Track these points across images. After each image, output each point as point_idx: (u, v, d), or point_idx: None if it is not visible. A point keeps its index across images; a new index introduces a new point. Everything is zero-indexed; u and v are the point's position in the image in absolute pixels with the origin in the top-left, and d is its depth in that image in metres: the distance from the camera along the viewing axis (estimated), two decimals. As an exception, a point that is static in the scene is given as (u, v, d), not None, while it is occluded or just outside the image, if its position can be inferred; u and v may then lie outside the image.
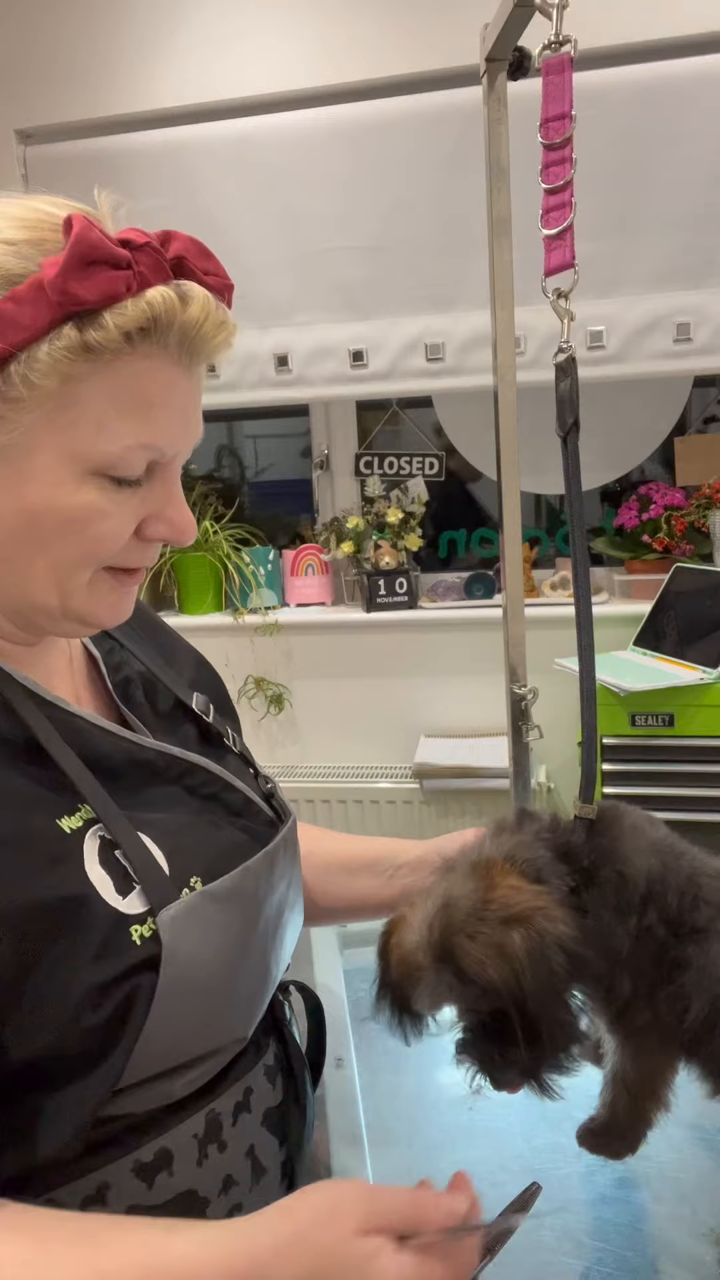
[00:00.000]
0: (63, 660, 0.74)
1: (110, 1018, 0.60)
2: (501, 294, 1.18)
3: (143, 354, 0.60)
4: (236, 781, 0.78)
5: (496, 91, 1.14)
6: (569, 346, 0.80)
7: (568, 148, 0.78)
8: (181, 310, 0.61)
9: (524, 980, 0.66)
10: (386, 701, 2.53)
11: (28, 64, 2.44)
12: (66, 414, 0.60)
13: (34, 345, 0.58)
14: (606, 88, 2.15)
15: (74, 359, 0.58)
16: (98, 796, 0.64)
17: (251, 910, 0.70)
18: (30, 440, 0.60)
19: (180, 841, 0.68)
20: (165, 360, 0.62)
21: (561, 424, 0.81)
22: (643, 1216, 0.80)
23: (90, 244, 0.57)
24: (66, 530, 0.62)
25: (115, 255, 0.58)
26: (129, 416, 0.61)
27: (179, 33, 2.36)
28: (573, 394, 0.80)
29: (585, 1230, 0.78)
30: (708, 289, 2.24)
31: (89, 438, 0.61)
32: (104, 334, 0.58)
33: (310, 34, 2.30)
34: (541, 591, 2.50)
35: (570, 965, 0.67)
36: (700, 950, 0.74)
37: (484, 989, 0.67)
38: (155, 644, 0.85)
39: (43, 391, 0.58)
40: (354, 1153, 0.83)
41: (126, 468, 0.62)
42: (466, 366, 2.38)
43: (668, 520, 2.42)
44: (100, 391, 0.60)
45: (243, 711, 2.54)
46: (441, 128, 2.26)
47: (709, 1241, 0.76)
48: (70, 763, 0.64)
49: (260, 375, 2.48)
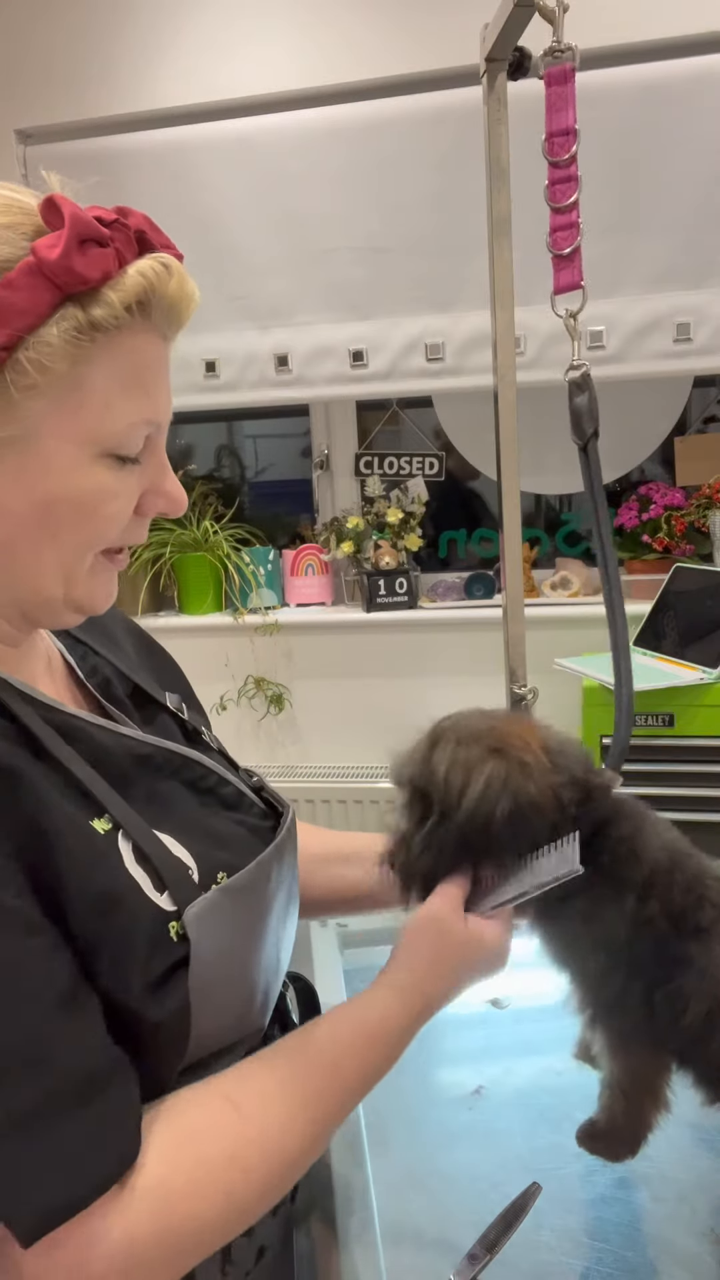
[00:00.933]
0: (43, 664, 0.74)
1: (169, 1015, 0.61)
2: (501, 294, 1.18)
3: (136, 328, 0.61)
4: (229, 775, 0.79)
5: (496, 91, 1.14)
6: (583, 364, 0.82)
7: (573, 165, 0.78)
8: (168, 281, 0.61)
9: (463, 797, 0.72)
10: (386, 701, 2.53)
11: (28, 64, 2.44)
12: (74, 397, 0.59)
13: (39, 330, 0.57)
14: (606, 88, 2.15)
15: (82, 338, 0.58)
16: (115, 803, 0.64)
17: (264, 903, 0.71)
18: (40, 429, 0.59)
19: (201, 838, 0.69)
20: (153, 333, 0.62)
21: (580, 434, 0.83)
22: (643, 1216, 0.80)
23: (85, 223, 0.57)
24: (79, 516, 0.62)
25: (102, 233, 0.58)
26: (131, 393, 0.62)
27: (179, 33, 2.36)
28: (591, 406, 0.82)
29: (585, 1230, 0.78)
30: (708, 289, 2.24)
31: (97, 418, 0.61)
32: (108, 310, 0.58)
33: (310, 34, 2.30)
34: (541, 591, 2.50)
35: (510, 820, 0.72)
36: (703, 949, 0.74)
37: (430, 783, 0.74)
38: (123, 646, 0.85)
39: (54, 375, 0.58)
40: (354, 1153, 0.84)
41: (131, 445, 0.63)
42: (466, 366, 2.38)
43: (668, 520, 2.43)
44: (104, 370, 0.60)
45: (243, 711, 2.56)
46: (441, 128, 2.26)
47: (709, 1241, 0.76)
48: (83, 770, 0.64)
49: (260, 375, 2.48)
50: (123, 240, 0.60)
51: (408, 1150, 0.89)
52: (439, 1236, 0.78)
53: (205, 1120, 0.61)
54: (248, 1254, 0.72)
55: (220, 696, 2.53)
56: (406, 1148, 0.89)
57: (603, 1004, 0.78)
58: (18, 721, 0.62)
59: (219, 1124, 0.61)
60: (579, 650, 2.21)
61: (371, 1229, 0.76)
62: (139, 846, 0.63)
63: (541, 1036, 1.05)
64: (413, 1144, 0.90)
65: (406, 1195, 0.83)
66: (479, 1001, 1.09)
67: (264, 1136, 0.62)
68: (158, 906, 0.62)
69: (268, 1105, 0.63)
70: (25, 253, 0.57)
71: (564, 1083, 0.96)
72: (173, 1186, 0.57)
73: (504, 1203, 0.76)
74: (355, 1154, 0.83)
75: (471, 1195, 0.81)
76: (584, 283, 0.78)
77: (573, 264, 0.78)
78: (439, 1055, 1.03)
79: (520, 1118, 0.92)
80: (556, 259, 0.79)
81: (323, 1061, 0.67)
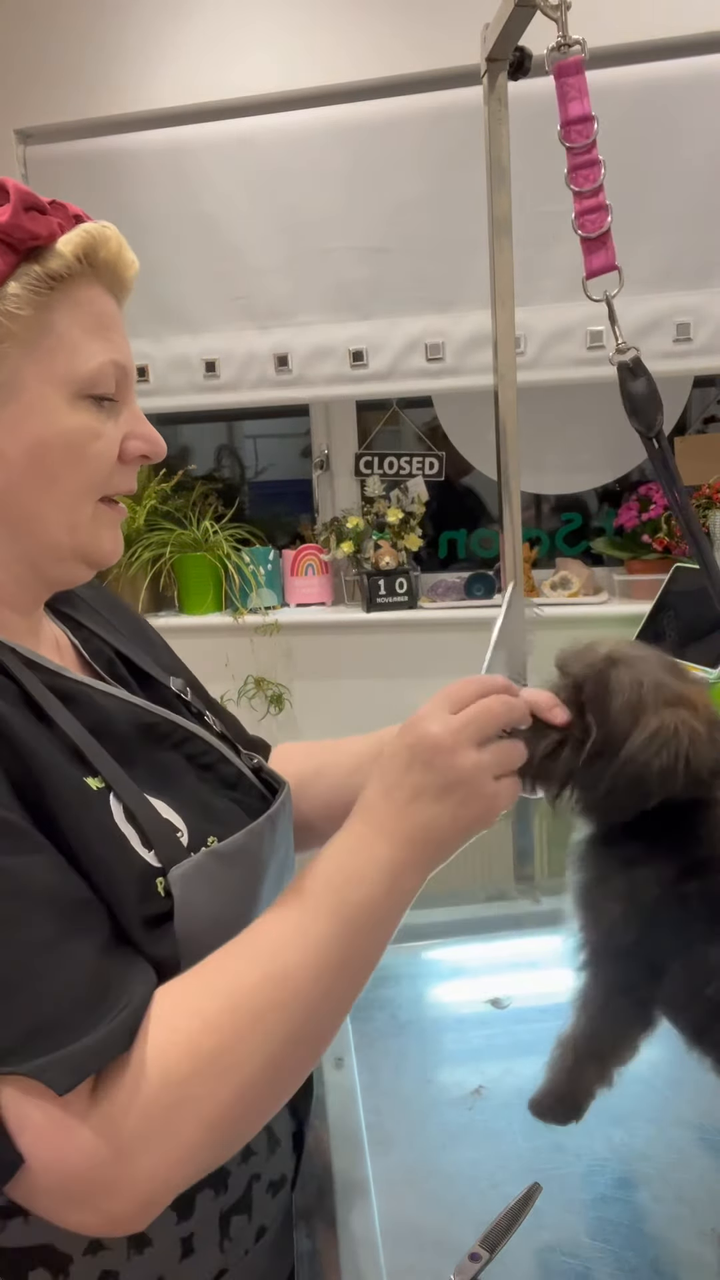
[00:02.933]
0: (50, 642, 0.76)
1: (163, 961, 0.63)
2: (501, 294, 1.19)
3: (88, 280, 0.69)
4: (229, 754, 0.81)
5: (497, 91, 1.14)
6: (630, 347, 0.80)
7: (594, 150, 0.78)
8: (108, 240, 0.69)
9: (633, 732, 0.69)
10: (386, 701, 2.52)
11: (28, 64, 2.44)
12: (44, 342, 0.66)
13: (3, 287, 0.64)
14: (606, 88, 2.14)
15: (42, 287, 0.65)
16: (107, 765, 0.67)
17: (255, 871, 0.72)
18: (18, 377, 0.66)
19: (193, 805, 0.71)
20: (102, 289, 0.70)
21: (646, 421, 0.81)
22: (643, 1216, 0.80)
23: (27, 192, 0.65)
24: (69, 457, 0.68)
25: (42, 203, 0.66)
26: (94, 336, 0.68)
27: (179, 33, 2.36)
28: (652, 390, 0.79)
29: (585, 1230, 0.78)
30: (708, 289, 2.24)
31: (68, 360, 0.67)
32: (61, 260, 0.66)
33: (311, 34, 2.30)
34: (541, 591, 2.50)
35: (665, 776, 0.69)
36: None
37: (597, 699, 0.71)
38: (126, 631, 0.87)
39: (24, 322, 0.65)
40: (354, 1153, 0.84)
41: (105, 383, 0.69)
42: (466, 366, 2.38)
43: (668, 520, 2.42)
44: (67, 317, 0.67)
45: (243, 711, 2.56)
46: (441, 128, 2.25)
47: (709, 1242, 0.76)
48: (79, 733, 0.66)
49: (260, 375, 2.48)
50: (60, 214, 0.68)
51: (408, 1150, 0.89)
52: (439, 1236, 0.78)
53: (208, 967, 0.62)
54: (247, 1233, 0.73)
55: (220, 696, 2.53)
56: (406, 1148, 0.89)
57: (607, 950, 0.77)
58: (18, 684, 0.65)
59: (222, 968, 0.62)
60: (579, 650, 2.21)
61: (371, 1229, 0.77)
62: (128, 808, 0.66)
63: (541, 1036, 1.04)
64: (413, 1144, 0.90)
65: (406, 1195, 0.83)
66: (479, 1001, 1.10)
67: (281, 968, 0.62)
68: (144, 860, 0.64)
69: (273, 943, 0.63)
70: None
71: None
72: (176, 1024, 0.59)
73: (504, 1203, 0.76)
74: (355, 1154, 0.83)
75: (471, 1195, 0.81)
76: (618, 265, 0.77)
77: (605, 246, 0.78)
78: (439, 1055, 1.03)
79: (520, 1118, 0.91)
80: (586, 242, 0.78)
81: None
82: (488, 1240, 0.73)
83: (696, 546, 0.80)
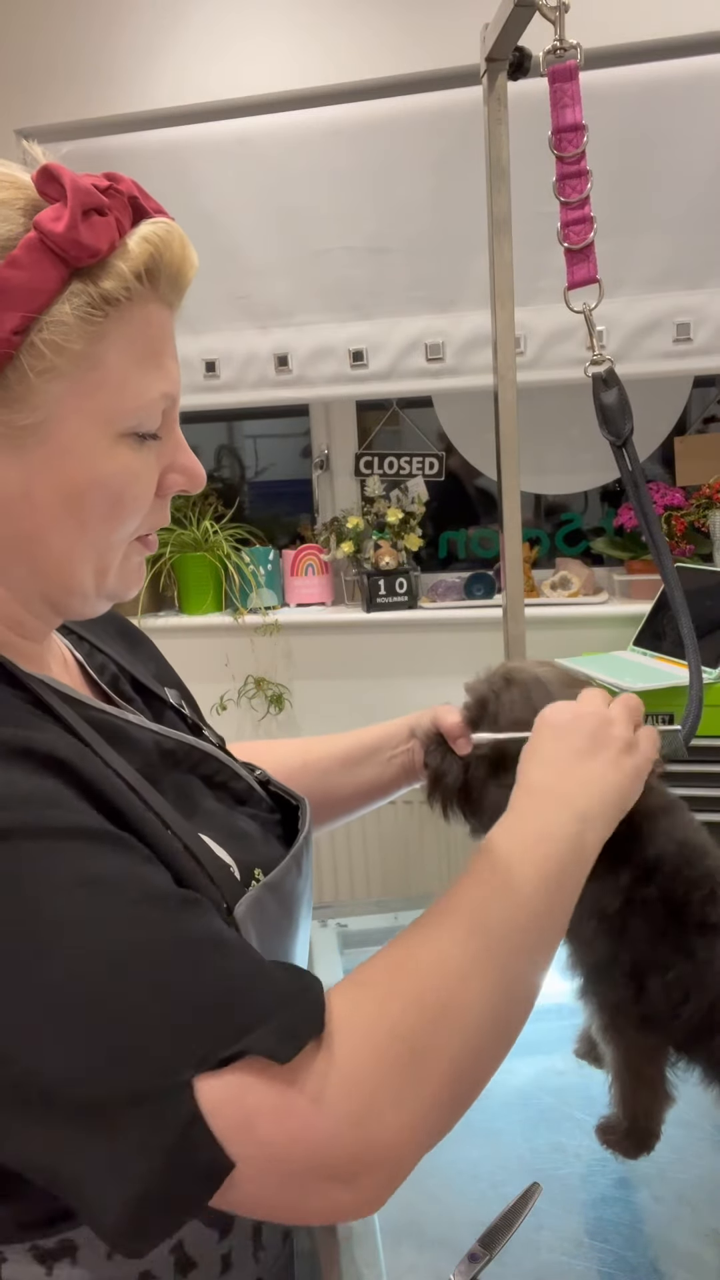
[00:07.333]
0: (59, 660, 0.74)
1: None
2: (501, 294, 1.18)
3: (146, 298, 0.58)
4: (240, 769, 0.78)
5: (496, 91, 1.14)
6: (605, 359, 0.81)
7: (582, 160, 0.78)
8: (172, 245, 0.59)
9: None
10: (386, 701, 2.52)
11: (28, 64, 2.43)
12: (91, 377, 0.57)
13: (50, 309, 0.54)
14: (606, 88, 2.15)
15: (96, 314, 0.55)
16: (159, 803, 0.63)
17: (294, 897, 0.71)
18: (58, 414, 0.57)
19: (227, 835, 0.68)
20: (159, 303, 0.60)
21: (615, 431, 0.82)
22: (643, 1216, 0.80)
23: (86, 191, 0.54)
24: (104, 502, 0.60)
25: (102, 202, 0.55)
26: (146, 366, 0.59)
27: (179, 33, 2.36)
28: (623, 400, 0.82)
29: (585, 1230, 0.78)
30: (708, 289, 2.24)
31: (116, 396, 0.58)
32: (118, 281, 0.56)
33: (310, 34, 2.30)
34: (541, 591, 2.50)
35: None
36: (707, 944, 0.74)
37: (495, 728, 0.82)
38: (121, 643, 0.85)
39: (71, 355, 0.55)
40: (354, 1153, 0.83)
41: (150, 421, 0.61)
42: (466, 366, 2.38)
43: (668, 520, 2.42)
44: (118, 346, 0.57)
45: (243, 711, 2.56)
46: (441, 128, 2.25)
47: (710, 1242, 0.76)
48: (129, 772, 0.62)
49: (260, 375, 2.48)
50: (119, 207, 0.57)
51: (408, 1150, 0.89)
52: (439, 1236, 0.78)
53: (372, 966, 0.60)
54: (275, 1240, 0.72)
55: (220, 696, 2.53)
56: (406, 1148, 0.89)
57: (590, 967, 0.79)
58: (62, 722, 0.60)
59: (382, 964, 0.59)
60: (579, 650, 2.21)
61: (372, 1228, 0.76)
62: (187, 846, 0.62)
63: (541, 1036, 1.05)
64: (413, 1144, 0.90)
65: (406, 1195, 0.82)
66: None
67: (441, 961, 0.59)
68: (218, 899, 0.61)
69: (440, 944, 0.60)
70: (26, 229, 0.54)
71: (564, 1083, 0.96)
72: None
73: (504, 1203, 0.76)
74: (355, 1154, 0.83)
75: (471, 1195, 0.81)
76: (599, 277, 0.78)
77: (588, 258, 0.78)
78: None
79: (520, 1118, 0.92)
80: (570, 253, 0.78)
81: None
82: (487, 1240, 0.73)
83: (656, 552, 0.87)
